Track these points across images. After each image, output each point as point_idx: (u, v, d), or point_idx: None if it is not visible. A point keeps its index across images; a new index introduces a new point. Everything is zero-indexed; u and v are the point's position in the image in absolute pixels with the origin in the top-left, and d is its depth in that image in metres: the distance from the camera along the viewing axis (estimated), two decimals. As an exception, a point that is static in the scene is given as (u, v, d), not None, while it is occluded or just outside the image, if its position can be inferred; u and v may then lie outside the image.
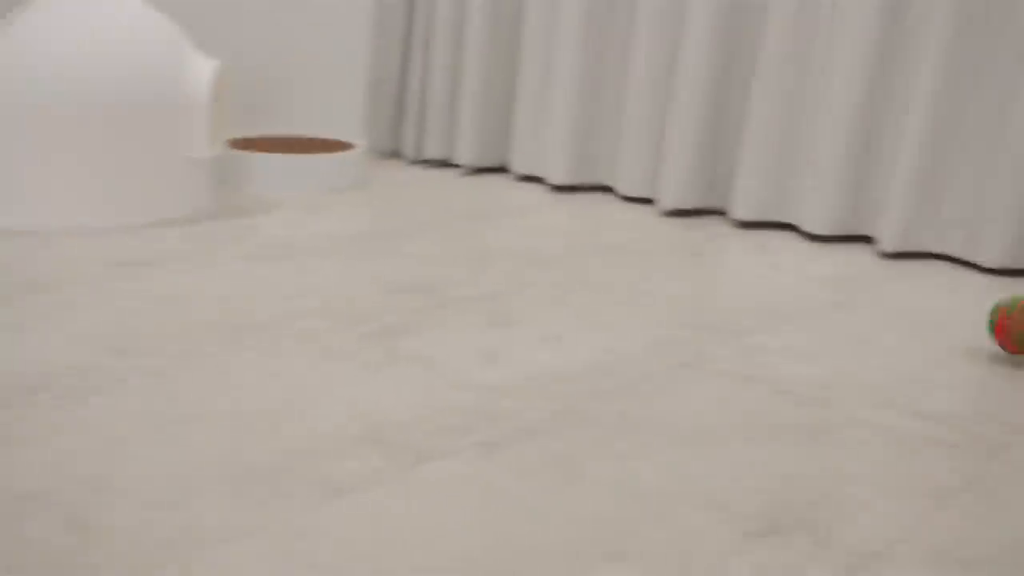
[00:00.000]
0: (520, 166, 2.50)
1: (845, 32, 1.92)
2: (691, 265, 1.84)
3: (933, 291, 1.74)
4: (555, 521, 0.92)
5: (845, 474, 1.04)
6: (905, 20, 1.90)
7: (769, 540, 0.90)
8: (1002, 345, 1.39)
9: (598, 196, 2.40)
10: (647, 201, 2.37)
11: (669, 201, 2.21)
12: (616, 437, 1.09)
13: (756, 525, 0.93)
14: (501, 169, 2.62)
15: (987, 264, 1.84)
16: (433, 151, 2.59)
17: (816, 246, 2.02)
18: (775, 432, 1.13)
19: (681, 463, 1.04)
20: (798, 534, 0.91)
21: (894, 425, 1.16)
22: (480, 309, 1.51)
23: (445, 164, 2.66)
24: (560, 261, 1.81)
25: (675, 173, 2.19)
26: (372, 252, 1.79)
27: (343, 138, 2.48)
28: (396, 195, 2.28)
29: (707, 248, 1.97)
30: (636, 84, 2.26)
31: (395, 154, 2.74)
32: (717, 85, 2.14)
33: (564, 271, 1.75)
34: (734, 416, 1.17)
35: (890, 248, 1.93)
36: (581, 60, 2.30)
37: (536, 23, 2.39)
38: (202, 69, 1.88)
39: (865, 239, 2.09)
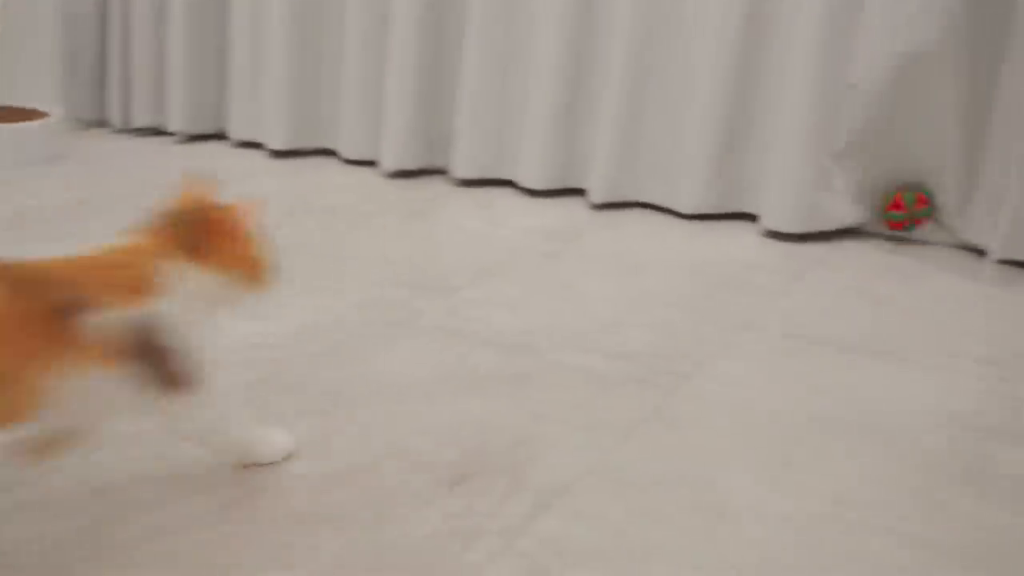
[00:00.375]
0: (238, 132, 2.40)
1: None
2: (411, 225, 1.84)
3: (636, 238, 1.84)
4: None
5: (542, 416, 1.08)
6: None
7: (464, 487, 0.92)
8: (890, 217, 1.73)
9: (320, 160, 2.35)
10: (371, 164, 2.35)
11: (391, 162, 2.20)
12: (318, 400, 1.08)
13: (452, 473, 0.94)
14: (219, 136, 2.50)
15: (684, 211, 1.97)
16: (142, 119, 2.44)
17: (534, 201, 2.08)
18: (479, 383, 1.16)
19: (383, 421, 1.04)
20: (493, 478, 0.94)
21: (590, 366, 1.22)
22: (186, 282, 1.44)
23: (157, 132, 2.50)
24: (271, 227, 1.76)
25: (395, 135, 2.18)
26: (54, 232, 1.66)
27: (36, 106, 2.28)
28: (98, 166, 2.13)
29: (428, 208, 1.98)
30: (352, 46, 2.23)
31: (100, 123, 2.55)
32: (429, 45, 2.15)
33: (278, 237, 1.70)
34: (440, 370, 1.18)
35: (599, 199, 2.02)
36: (294, 23, 2.24)
37: (243, -18, 2.29)
38: None
39: (580, 192, 2.17)
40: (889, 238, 1.85)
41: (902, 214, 1.81)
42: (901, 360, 1.29)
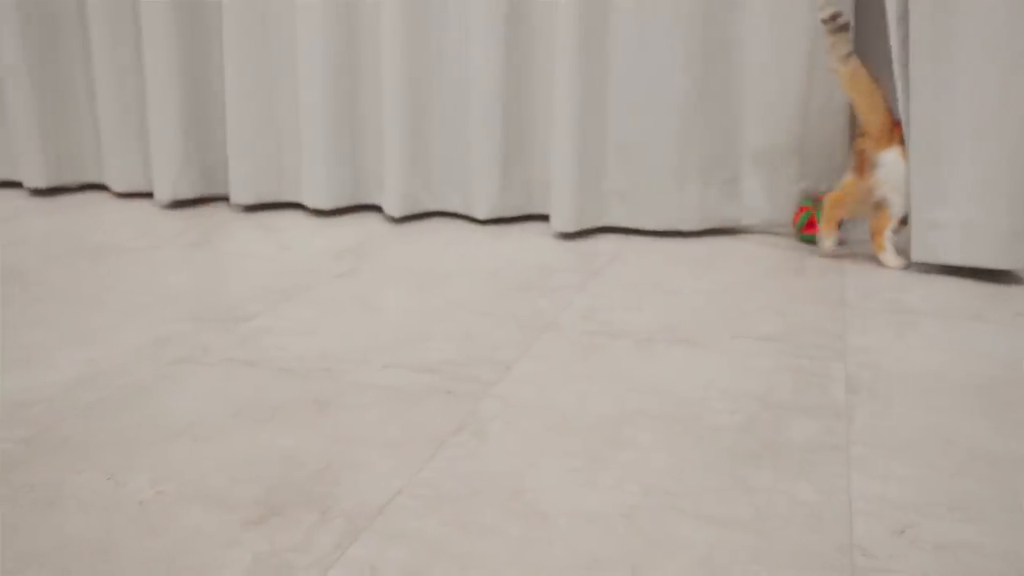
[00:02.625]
0: (-10, 173, 2.21)
1: (310, 8, 1.93)
2: (193, 256, 1.75)
3: (433, 249, 1.82)
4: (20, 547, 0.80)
5: (347, 440, 1.03)
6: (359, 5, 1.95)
7: (270, 524, 0.87)
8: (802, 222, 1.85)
9: (89, 196, 2.20)
10: (146, 195, 2.22)
11: (165, 193, 2.09)
12: (100, 452, 0.99)
13: (255, 512, 0.89)
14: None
15: (480, 216, 1.98)
16: None
17: (324, 221, 2.03)
18: (278, 412, 1.10)
19: (176, 464, 0.97)
20: (300, 510, 0.89)
21: (395, 383, 1.19)
22: (-62, 338, 1.30)
23: None
24: (37, 272, 1.63)
25: (166, 164, 2.07)
26: None
27: None
28: None
29: (210, 236, 1.89)
30: (102, 78, 2.09)
31: None
32: (190, 68, 2.05)
33: (43, 283, 1.57)
34: (235, 404, 1.12)
35: (395, 214, 1.99)
36: (34, 54, 2.08)
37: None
38: None
39: (376, 208, 2.13)
40: (685, 234, 1.91)
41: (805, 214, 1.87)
42: (696, 346, 1.33)
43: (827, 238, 1.75)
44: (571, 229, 1.87)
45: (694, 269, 1.70)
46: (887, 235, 1.71)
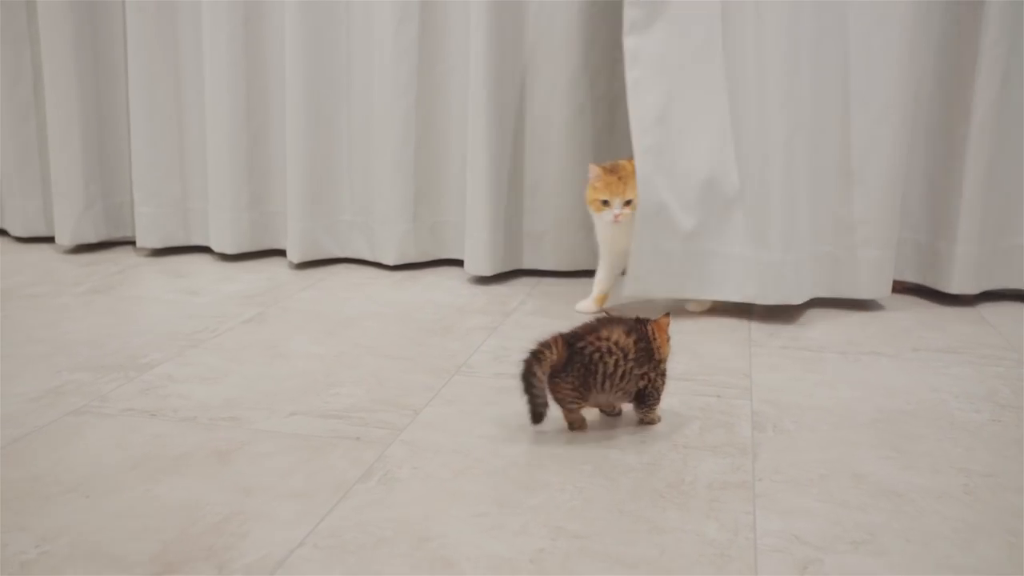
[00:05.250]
0: None
1: (216, 51, 1.91)
2: (94, 301, 1.69)
3: (342, 294, 1.80)
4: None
5: (250, 490, 1.01)
6: (261, 24, 1.93)
7: (165, 581, 0.84)
8: None
9: (-14, 241, 2.12)
10: (48, 240, 2.15)
11: (67, 237, 2.02)
12: (-12, 510, 0.94)
13: (149, 570, 0.85)
14: None
15: (388, 262, 1.96)
16: None
17: (231, 265, 1.99)
18: (178, 463, 1.06)
19: (69, 520, 0.93)
20: (198, 566, 0.86)
21: (302, 430, 1.16)
22: None
23: None
24: (-68, 319, 1.56)
25: (68, 207, 2.01)
26: None
27: None
28: None
29: (114, 282, 1.84)
30: (8, 116, 2.03)
31: None
32: (93, 111, 2.00)
33: (-64, 330, 1.50)
34: (133, 456, 1.08)
35: (298, 259, 1.97)
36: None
37: None
38: None
39: (281, 252, 2.10)
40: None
41: None
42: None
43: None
44: (487, 272, 1.87)
45: (608, 306, 1.71)
46: None
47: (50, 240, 2.15)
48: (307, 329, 1.57)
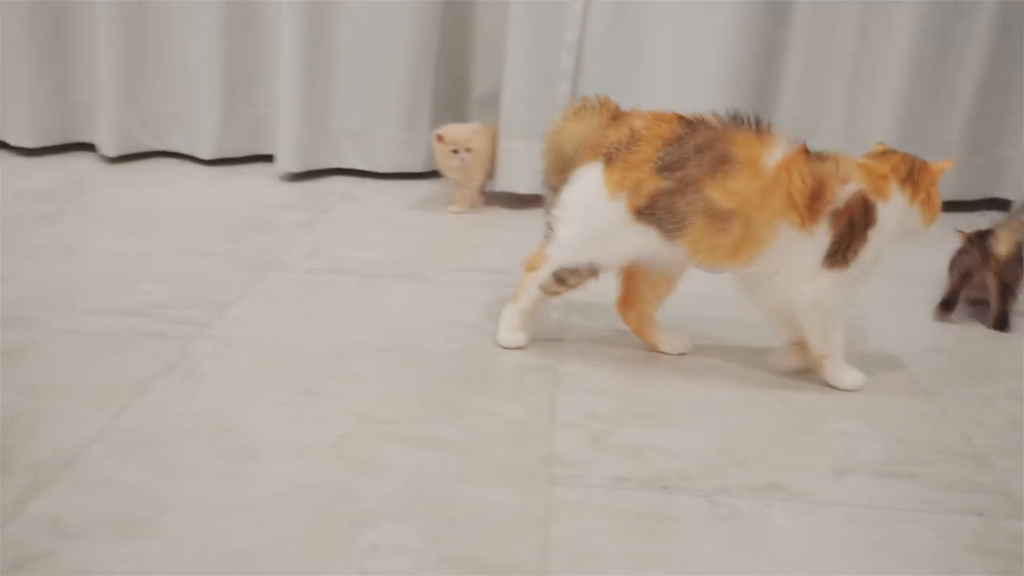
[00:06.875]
0: None
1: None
2: None
3: (152, 190, 1.72)
4: None
5: (40, 389, 0.96)
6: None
7: (-58, 483, 0.80)
8: None
9: None
10: None
11: None
12: None
13: (-76, 471, 0.81)
14: None
15: (204, 156, 1.88)
16: None
17: (31, 160, 1.86)
18: (-39, 364, 1.01)
19: None
20: (-20, 466, 0.82)
21: (99, 329, 1.12)
22: None
23: None
24: None
25: None
26: None
27: None
28: None
29: None
30: None
31: None
32: None
33: None
34: (-91, 358, 1.01)
35: (112, 152, 1.86)
36: None
37: None
38: None
39: (90, 147, 1.97)
40: (416, 175, 1.89)
41: None
42: (420, 280, 1.34)
43: None
44: (296, 169, 1.82)
45: (424, 207, 1.71)
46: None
47: None
48: (112, 227, 1.50)
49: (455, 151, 1.62)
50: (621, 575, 0.74)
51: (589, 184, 1.04)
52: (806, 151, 1.02)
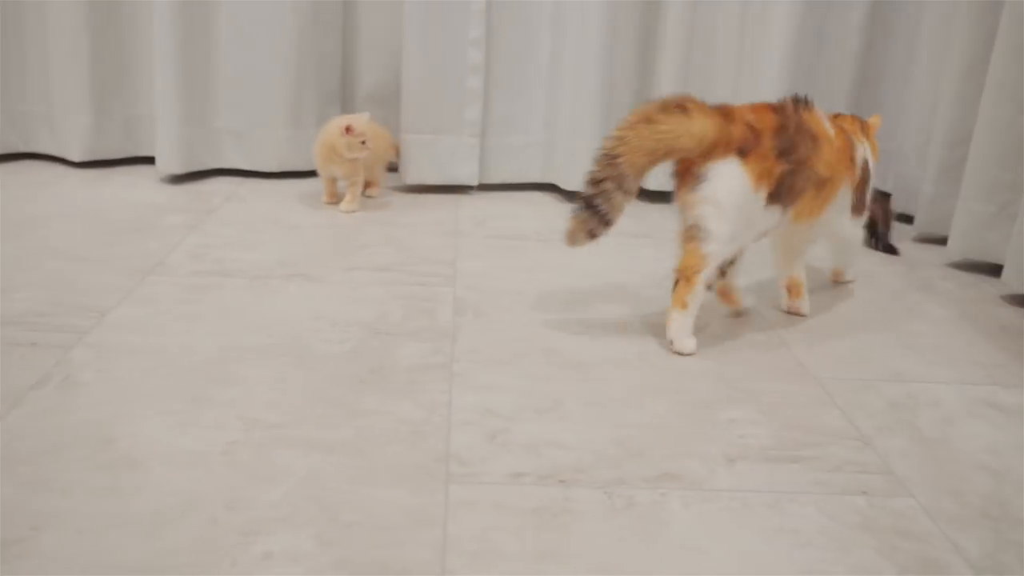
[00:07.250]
0: None
1: None
2: None
3: (20, 192, 1.64)
4: None
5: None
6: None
7: None
8: None
9: None
10: None
11: None
12: None
13: None
14: None
15: (75, 158, 1.80)
16: None
17: None
18: None
19: None
20: None
21: (-33, 338, 1.06)
22: None
23: None
24: None
25: None
26: None
27: None
28: None
29: None
30: None
31: None
32: None
33: None
34: None
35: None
36: None
37: None
38: None
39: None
40: (302, 173, 1.85)
41: None
42: (311, 280, 1.31)
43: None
44: (178, 170, 1.76)
45: (312, 206, 1.67)
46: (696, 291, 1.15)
47: None
48: (-22, 232, 1.42)
49: (363, 141, 1.59)
50: (520, 572, 0.73)
51: (733, 180, 1.11)
52: (837, 117, 1.29)
